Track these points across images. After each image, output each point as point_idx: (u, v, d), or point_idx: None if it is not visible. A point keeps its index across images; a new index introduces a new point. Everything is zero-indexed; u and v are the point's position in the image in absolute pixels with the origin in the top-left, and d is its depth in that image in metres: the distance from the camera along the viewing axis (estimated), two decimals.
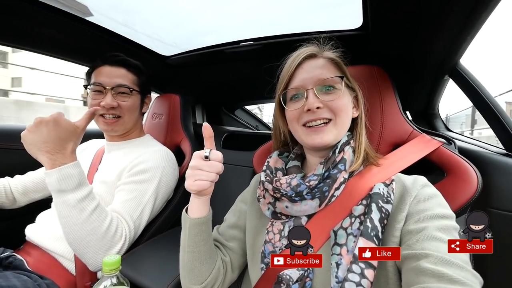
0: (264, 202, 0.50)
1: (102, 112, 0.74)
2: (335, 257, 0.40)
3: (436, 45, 0.62)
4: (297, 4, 0.99)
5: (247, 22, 0.93)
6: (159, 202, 0.76)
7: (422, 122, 1.01)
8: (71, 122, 0.59)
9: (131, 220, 0.67)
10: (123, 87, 0.76)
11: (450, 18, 0.53)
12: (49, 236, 0.69)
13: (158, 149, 0.80)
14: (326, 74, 0.47)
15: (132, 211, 0.68)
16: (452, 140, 0.61)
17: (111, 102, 0.73)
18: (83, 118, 0.61)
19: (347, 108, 0.47)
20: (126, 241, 0.64)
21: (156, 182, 0.73)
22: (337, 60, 0.50)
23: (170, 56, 1.08)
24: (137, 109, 0.81)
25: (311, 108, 0.45)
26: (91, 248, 0.59)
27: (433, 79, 0.78)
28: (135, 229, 0.68)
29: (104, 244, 0.60)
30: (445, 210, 0.39)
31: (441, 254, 0.32)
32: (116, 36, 0.92)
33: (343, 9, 0.73)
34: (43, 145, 0.56)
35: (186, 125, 1.03)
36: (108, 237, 0.60)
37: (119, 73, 0.76)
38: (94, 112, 0.63)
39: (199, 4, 1.07)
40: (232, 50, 0.92)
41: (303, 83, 0.47)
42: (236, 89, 1.32)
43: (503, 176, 0.58)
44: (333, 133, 0.46)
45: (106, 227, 0.60)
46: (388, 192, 0.43)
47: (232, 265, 0.54)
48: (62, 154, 0.57)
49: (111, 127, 0.76)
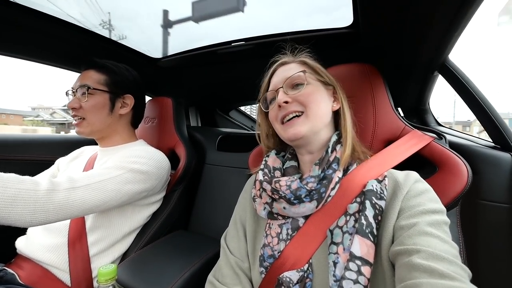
0: (260, 202, 0.50)
1: (72, 114, 0.76)
2: (332, 256, 0.40)
3: (425, 42, 0.63)
4: (294, 8, 0.99)
5: (241, 25, 0.93)
6: (126, 197, 0.67)
7: (414, 118, 1.03)
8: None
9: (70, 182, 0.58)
10: (83, 87, 0.74)
11: (437, 15, 0.54)
12: (41, 247, 0.67)
13: (151, 149, 0.80)
14: (292, 72, 0.50)
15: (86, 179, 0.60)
16: (442, 135, 0.62)
17: (72, 104, 0.74)
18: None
19: (316, 99, 0.49)
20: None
21: (136, 176, 0.68)
22: (306, 60, 0.53)
23: (161, 58, 1.07)
24: (102, 109, 0.76)
25: (280, 103, 0.48)
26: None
27: (423, 75, 0.80)
28: (70, 193, 0.57)
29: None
30: (436, 205, 0.40)
31: (432, 249, 0.33)
32: (103, 39, 0.90)
33: (338, 13, 0.73)
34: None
35: (180, 128, 1.02)
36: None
37: (86, 76, 0.76)
38: None
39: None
40: (224, 50, 0.91)
41: (275, 85, 0.52)
42: (230, 90, 1.32)
43: (491, 168, 0.59)
44: (307, 125, 0.48)
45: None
46: (381, 188, 0.43)
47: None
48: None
49: (77, 128, 0.76)
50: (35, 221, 0.52)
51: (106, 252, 0.72)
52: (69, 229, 0.69)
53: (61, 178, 0.59)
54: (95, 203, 0.60)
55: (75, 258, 0.67)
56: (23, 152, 0.99)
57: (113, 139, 0.81)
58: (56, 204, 0.54)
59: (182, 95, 1.37)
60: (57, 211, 0.55)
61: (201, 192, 1.04)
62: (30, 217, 0.51)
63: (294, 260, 0.44)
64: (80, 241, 0.69)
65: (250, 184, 0.60)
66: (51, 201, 0.54)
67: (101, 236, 0.71)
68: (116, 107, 0.79)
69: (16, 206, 0.50)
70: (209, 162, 1.07)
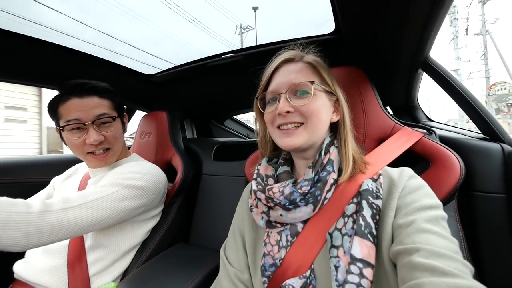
0: (257, 212, 0.50)
1: (90, 150, 0.70)
2: (333, 260, 0.39)
3: (405, 41, 0.66)
4: (284, 23, 1.01)
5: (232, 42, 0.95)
6: (123, 214, 0.66)
7: (405, 115, 1.05)
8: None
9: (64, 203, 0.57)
10: (104, 117, 0.70)
11: (411, 17, 0.56)
12: (39, 270, 0.66)
13: (145, 163, 0.79)
14: (300, 78, 0.47)
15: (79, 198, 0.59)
16: (432, 130, 0.64)
17: (98, 137, 0.68)
18: None
19: (319, 112, 0.47)
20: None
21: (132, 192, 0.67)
22: (315, 64, 0.50)
23: (154, 74, 1.09)
24: (122, 134, 0.78)
25: (281, 112, 0.46)
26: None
27: (408, 74, 0.82)
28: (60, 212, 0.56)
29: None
30: (432, 200, 0.39)
31: (431, 246, 0.33)
32: (97, 60, 0.92)
33: (323, 23, 0.75)
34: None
35: (176, 141, 1.03)
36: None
37: (93, 103, 0.69)
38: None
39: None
40: (214, 63, 0.94)
41: (277, 87, 0.49)
42: (223, 100, 1.34)
43: (483, 159, 0.60)
44: (304, 136, 0.47)
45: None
46: (377, 187, 0.43)
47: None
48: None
49: (104, 161, 0.73)
50: (28, 244, 0.51)
51: (107, 271, 0.70)
52: (68, 250, 0.68)
53: (54, 199, 0.58)
54: (91, 222, 0.59)
55: (74, 279, 0.65)
56: (19, 174, 0.99)
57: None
58: (49, 225, 0.53)
59: (176, 108, 1.38)
60: (51, 233, 0.54)
61: (199, 203, 1.03)
62: (22, 240, 0.50)
63: (296, 267, 0.43)
64: (79, 261, 0.67)
65: (246, 193, 0.60)
66: (44, 223, 0.53)
67: (100, 255, 0.70)
68: (124, 127, 0.81)
69: (8, 230, 0.49)
70: (206, 172, 1.07)
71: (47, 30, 2.81)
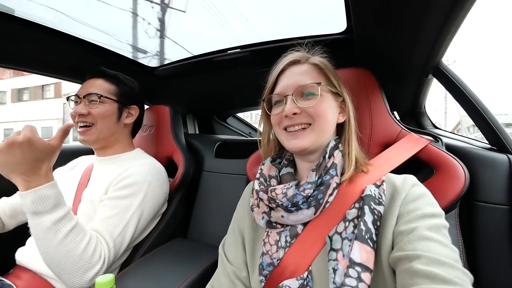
0: (258, 212, 0.50)
1: (76, 121, 0.75)
2: (331, 263, 0.40)
3: (418, 45, 0.64)
4: (292, 21, 1.00)
5: (240, 37, 0.94)
6: (145, 218, 0.73)
7: (410, 121, 1.04)
8: (45, 142, 0.55)
9: (111, 239, 0.64)
10: (93, 95, 0.75)
11: (428, 20, 0.55)
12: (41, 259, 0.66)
13: (146, 162, 0.78)
14: (306, 80, 0.48)
15: (113, 229, 0.65)
16: (439, 138, 0.62)
17: (80, 110, 0.74)
18: (57, 136, 0.58)
19: (326, 113, 0.47)
20: (105, 262, 0.61)
21: (141, 197, 0.71)
22: (322, 65, 0.50)
23: (157, 67, 1.08)
24: (111, 117, 0.78)
25: (288, 114, 0.47)
26: (67, 270, 0.56)
27: (418, 79, 0.80)
28: (116, 248, 0.65)
29: (80, 267, 0.57)
30: (434, 209, 0.39)
31: (432, 254, 0.33)
32: (100, 50, 0.92)
33: (333, 21, 0.73)
34: (17, 167, 0.52)
35: (177, 136, 1.02)
36: (85, 259, 0.57)
37: (94, 83, 0.77)
38: (67, 129, 0.60)
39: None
40: (219, 58, 0.93)
41: (284, 89, 0.49)
42: (227, 97, 1.33)
43: (488, 170, 0.59)
44: (311, 138, 0.47)
45: (83, 249, 0.57)
46: (380, 193, 0.43)
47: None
48: (37, 175, 0.54)
49: (83, 136, 0.75)
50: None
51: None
52: None
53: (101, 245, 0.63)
54: (134, 235, 0.70)
55: None
56: None
57: (113, 148, 0.82)
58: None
59: (179, 103, 1.37)
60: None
61: (199, 200, 1.03)
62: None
63: (294, 268, 0.44)
64: None
65: (248, 192, 0.60)
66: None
67: None
68: (122, 116, 0.81)
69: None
70: (207, 169, 1.07)
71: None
